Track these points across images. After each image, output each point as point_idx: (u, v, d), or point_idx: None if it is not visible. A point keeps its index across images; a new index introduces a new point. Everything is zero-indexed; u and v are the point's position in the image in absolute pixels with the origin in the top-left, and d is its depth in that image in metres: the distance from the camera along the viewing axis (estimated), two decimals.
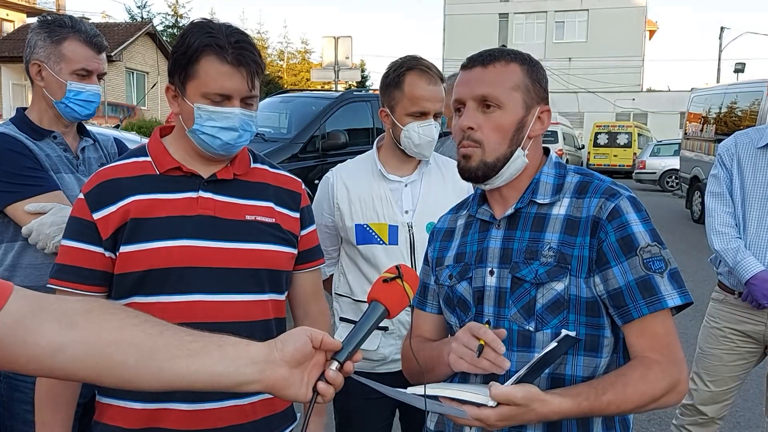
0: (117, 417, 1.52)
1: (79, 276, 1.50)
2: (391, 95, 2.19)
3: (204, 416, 1.49)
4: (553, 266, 1.40)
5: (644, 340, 1.36)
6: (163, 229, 1.49)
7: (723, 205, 2.76)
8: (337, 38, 14.74)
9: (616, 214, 1.39)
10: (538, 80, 1.48)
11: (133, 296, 1.49)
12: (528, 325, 1.41)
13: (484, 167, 1.44)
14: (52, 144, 2.10)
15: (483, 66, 1.45)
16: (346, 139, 7.80)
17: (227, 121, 1.50)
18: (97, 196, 1.51)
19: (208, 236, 1.51)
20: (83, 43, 2.07)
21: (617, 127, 26.39)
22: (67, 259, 1.51)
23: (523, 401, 1.20)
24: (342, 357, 1.10)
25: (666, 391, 1.32)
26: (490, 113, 1.43)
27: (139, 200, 1.50)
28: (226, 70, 1.47)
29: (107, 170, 1.56)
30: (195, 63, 1.48)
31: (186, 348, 1.01)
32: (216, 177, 1.56)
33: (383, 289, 1.20)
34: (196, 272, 1.49)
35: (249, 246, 1.55)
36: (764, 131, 2.76)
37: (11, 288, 0.94)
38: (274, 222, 1.60)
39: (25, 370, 0.96)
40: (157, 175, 1.54)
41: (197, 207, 1.52)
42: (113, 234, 1.49)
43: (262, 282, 1.57)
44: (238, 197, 1.57)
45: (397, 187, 2.25)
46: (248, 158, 1.66)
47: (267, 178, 1.66)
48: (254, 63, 1.50)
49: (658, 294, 1.35)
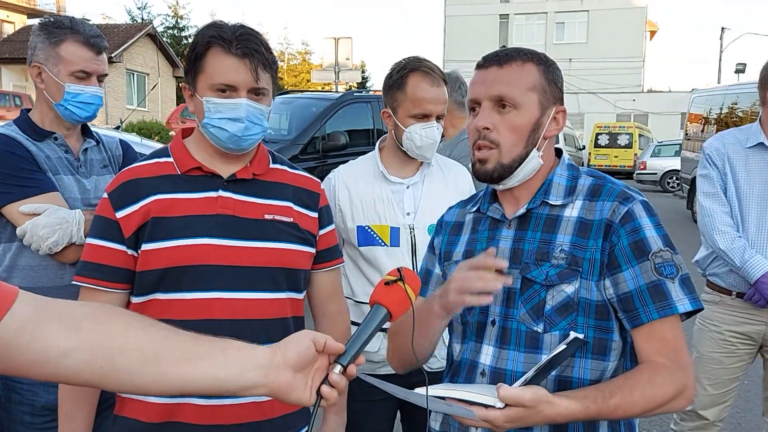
0: (136, 410, 1.54)
1: (103, 273, 1.53)
2: (394, 96, 2.19)
3: (221, 412, 1.51)
4: (565, 268, 1.40)
5: (652, 344, 1.36)
6: (182, 228, 1.52)
7: (720, 205, 2.73)
8: (337, 39, 14.74)
9: (629, 218, 1.39)
10: (554, 80, 1.48)
11: (155, 293, 1.53)
12: (536, 327, 1.41)
13: (500, 168, 1.44)
14: (53, 145, 2.09)
15: (499, 65, 1.44)
16: (347, 141, 7.79)
17: (233, 112, 1.52)
18: (120, 196, 1.55)
19: (228, 235, 1.54)
20: (81, 44, 2.06)
21: (618, 128, 26.36)
22: (91, 256, 1.55)
23: (531, 403, 1.20)
24: (345, 360, 1.11)
25: (673, 396, 1.32)
26: (505, 113, 1.43)
27: (160, 199, 1.53)
28: (230, 61, 1.50)
29: (130, 170, 1.60)
30: (202, 57, 1.52)
31: (190, 352, 1.01)
32: (236, 177, 1.59)
33: (385, 291, 1.19)
34: (214, 270, 1.52)
35: (267, 245, 1.57)
36: (749, 131, 2.77)
37: (17, 292, 0.94)
38: (293, 221, 1.63)
39: (29, 374, 0.96)
40: (178, 175, 1.57)
41: (217, 206, 1.56)
42: (135, 232, 1.52)
43: (279, 280, 1.60)
44: (258, 197, 1.60)
45: (398, 188, 2.24)
46: (267, 158, 1.69)
47: (286, 179, 1.69)
48: (259, 54, 1.52)
49: (668, 299, 1.35)
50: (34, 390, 2.02)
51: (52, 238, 1.89)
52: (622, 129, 26.28)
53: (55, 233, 1.89)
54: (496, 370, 1.44)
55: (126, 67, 27.48)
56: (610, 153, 25.58)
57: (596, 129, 26.49)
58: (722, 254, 2.69)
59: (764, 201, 2.69)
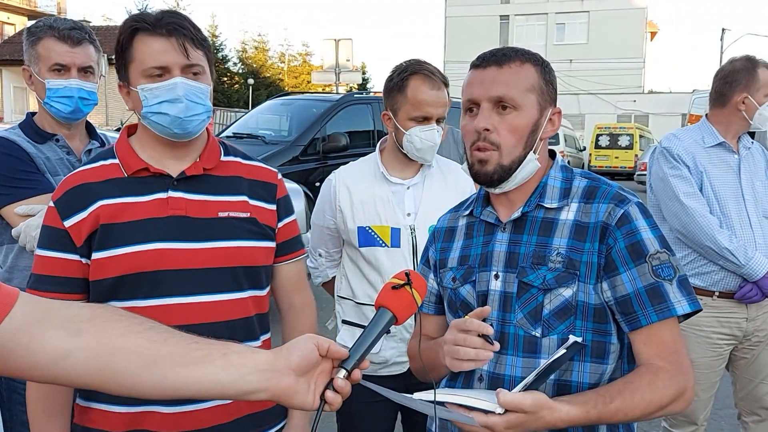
0: (99, 420, 1.49)
1: (57, 285, 1.46)
2: (395, 99, 2.19)
3: (186, 418, 1.47)
4: (562, 272, 1.39)
5: (651, 347, 1.36)
6: (133, 233, 1.45)
7: (703, 205, 2.68)
8: (337, 40, 14.75)
9: (626, 221, 1.38)
10: (551, 81, 1.47)
11: (110, 302, 1.46)
12: (534, 331, 1.40)
13: (500, 170, 1.42)
14: (54, 147, 2.10)
15: (498, 66, 1.42)
16: (347, 142, 7.80)
17: (170, 93, 1.45)
18: (67, 203, 1.48)
19: (181, 237, 1.48)
20: (56, 38, 2.05)
21: (618, 129, 26.36)
22: (43, 269, 1.48)
23: (531, 408, 1.19)
24: (350, 365, 1.10)
25: (673, 399, 1.32)
26: (505, 114, 1.41)
27: (107, 205, 1.46)
28: (157, 43, 1.44)
29: (75, 175, 1.52)
30: (129, 47, 1.46)
31: (190, 356, 1.00)
32: (185, 174, 1.52)
33: (391, 295, 1.19)
34: (170, 275, 1.46)
35: (224, 244, 1.51)
36: (702, 131, 2.77)
37: (17, 294, 0.94)
38: (249, 216, 1.56)
39: (28, 376, 0.96)
40: (125, 177, 1.50)
41: (168, 208, 1.49)
42: (87, 240, 1.46)
43: (240, 280, 1.54)
44: (210, 194, 1.53)
45: (399, 189, 2.24)
46: (218, 151, 1.61)
47: (240, 171, 1.61)
48: (186, 29, 1.45)
49: (667, 301, 1.34)
50: None
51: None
52: (622, 130, 26.26)
53: None
54: (494, 375, 1.43)
55: None
56: (610, 154, 25.57)
57: (597, 130, 26.48)
58: (724, 253, 2.62)
59: (738, 198, 2.69)
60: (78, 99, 2.09)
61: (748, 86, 2.71)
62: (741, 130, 2.78)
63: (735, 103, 2.73)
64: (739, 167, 2.73)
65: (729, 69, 2.77)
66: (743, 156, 2.76)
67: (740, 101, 2.72)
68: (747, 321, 2.73)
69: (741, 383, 2.90)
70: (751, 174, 2.74)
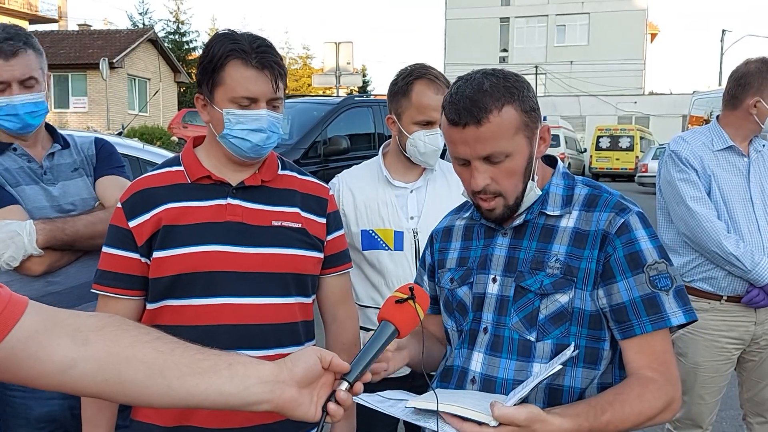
0: (152, 415, 1.58)
1: (119, 281, 1.58)
2: (399, 103, 2.20)
3: (233, 415, 1.52)
4: (559, 278, 1.40)
5: (643, 357, 1.37)
6: (192, 235, 1.55)
7: (710, 210, 2.64)
8: (338, 44, 14.76)
9: (625, 230, 1.39)
10: (531, 106, 1.40)
11: (166, 299, 1.57)
12: (529, 335, 1.42)
13: (508, 211, 1.45)
14: (14, 156, 2.01)
15: (477, 124, 1.35)
16: (348, 145, 7.79)
17: (255, 123, 1.56)
18: (132, 205, 1.59)
19: (236, 241, 1.57)
20: None
21: (619, 131, 26.33)
22: (107, 265, 1.60)
23: (525, 422, 1.19)
24: (352, 378, 1.12)
25: (661, 410, 1.33)
26: (500, 164, 1.39)
27: (170, 208, 1.57)
28: (250, 74, 1.53)
29: (142, 180, 1.63)
30: (221, 70, 1.54)
31: (196, 366, 1.02)
32: (244, 184, 1.62)
33: (394, 309, 1.21)
34: (224, 276, 1.55)
35: (275, 251, 1.60)
36: (711, 134, 2.74)
37: (26, 303, 0.94)
38: (301, 227, 1.65)
39: (36, 384, 0.96)
40: (188, 183, 1.61)
41: (226, 213, 1.59)
42: (148, 240, 1.56)
43: (288, 286, 1.62)
44: (266, 203, 1.63)
45: (402, 193, 2.25)
46: (276, 165, 1.72)
47: (294, 185, 1.71)
48: (277, 65, 1.56)
49: (662, 312, 1.36)
50: (27, 403, 2.00)
51: (8, 253, 1.82)
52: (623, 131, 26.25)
53: (9, 248, 1.83)
54: (486, 378, 1.44)
55: (127, 73, 27.53)
56: (611, 155, 25.54)
57: (597, 132, 26.47)
58: (730, 258, 2.59)
59: (746, 202, 2.65)
60: (24, 115, 1.95)
61: (760, 90, 2.63)
62: (751, 134, 2.73)
63: (747, 106, 2.66)
64: (748, 170, 2.69)
65: (743, 71, 2.70)
66: (753, 159, 2.71)
67: (752, 105, 2.65)
68: (755, 325, 2.72)
69: (748, 385, 2.89)
70: (760, 177, 2.70)
